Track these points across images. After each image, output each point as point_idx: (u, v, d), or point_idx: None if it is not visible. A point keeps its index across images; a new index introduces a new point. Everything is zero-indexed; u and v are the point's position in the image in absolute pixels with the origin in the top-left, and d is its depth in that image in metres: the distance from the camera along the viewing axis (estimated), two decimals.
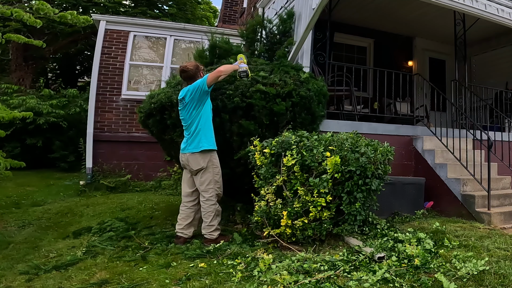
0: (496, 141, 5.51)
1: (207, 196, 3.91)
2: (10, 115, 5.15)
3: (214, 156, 3.97)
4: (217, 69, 3.93)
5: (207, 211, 3.90)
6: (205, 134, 3.90)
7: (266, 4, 7.19)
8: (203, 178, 3.92)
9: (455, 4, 5.16)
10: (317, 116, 4.75)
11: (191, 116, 3.90)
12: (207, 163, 3.90)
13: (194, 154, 3.89)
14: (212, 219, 3.89)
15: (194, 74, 4.00)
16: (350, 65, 6.44)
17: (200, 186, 3.94)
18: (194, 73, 4.01)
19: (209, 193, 3.91)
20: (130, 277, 3.10)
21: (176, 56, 8.83)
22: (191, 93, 3.86)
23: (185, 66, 4.04)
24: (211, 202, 3.91)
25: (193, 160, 3.90)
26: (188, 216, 4.03)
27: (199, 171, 3.92)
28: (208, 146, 3.89)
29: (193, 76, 3.99)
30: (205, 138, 3.89)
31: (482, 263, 2.93)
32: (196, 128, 3.89)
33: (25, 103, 9.50)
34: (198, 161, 3.88)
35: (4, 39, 5.08)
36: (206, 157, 3.90)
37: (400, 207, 4.81)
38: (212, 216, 3.89)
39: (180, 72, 4.07)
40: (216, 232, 3.91)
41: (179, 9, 15.49)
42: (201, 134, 3.89)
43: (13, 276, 3.33)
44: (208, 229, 3.90)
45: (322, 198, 3.48)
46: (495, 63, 8.63)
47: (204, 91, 3.84)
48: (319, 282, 2.77)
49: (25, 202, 6.84)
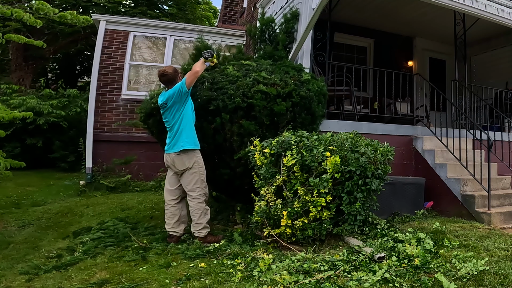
0: (496, 141, 5.51)
1: (194, 195, 3.98)
2: (10, 115, 5.14)
3: (199, 156, 4.06)
4: (193, 70, 4.05)
5: (194, 209, 3.96)
6: (187, 134, 3.98)
7: (266, 4, 7.19)
8: (189, 178, 3.99)
9: (455, 4, 5.16)
10: (317, 116, 4.75)
11: (174, 117, 4.01)
12: (192, 163, 3.97)
13: (179, 154, 3.97)
14: (200, 217, 3.94)
15: (174, 78, 4.11)
16: (350, 65, 6.44)
17: (187, 186, 4.01)
18: (173, 76, 4.12)
19: (196, 192, 3.98)
20: (130, 277, 3.10)
21: (176, 56, 8.83)
22: (172, 97, 3.96)
23: (164, 70, 4.17)
24: (198, 200, 3.97)
25: (178, 160, 3.98)
26: (173, 214, 4.08)
27: (184, 171, 3.99)
28: (190, 146, 3.98)
29: (172, 79, 4.10)
30: (187, 138, 3.97)
31: (482, 263, 2.93)
32: (179, 128, 3.99)
33: (25, 103, 9.49)
34: (183, 161, 3.96)
35: (4, 39, 5.08)
36: (191, 157, 3.98)
37: (400, 207, 4.81)
38: (200, 214, 3.94)
39: (159, 76, 4.18)
40: (204, 230, 3.95)
41: (179, 9, 15.49)
42: (184, 134, 3.98)
43: (13, 276, 3.33)
44: (197, 227, 3.96)
45: (322, 198, 3.48)
46: (495, 63, 8.63)
47: (183, 92, 3.95)
48: (319, 282, 2.77)
49: (25, 202, 6.84)
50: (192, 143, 4.00)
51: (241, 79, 4.39)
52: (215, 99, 4.25)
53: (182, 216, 4.13)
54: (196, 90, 4.36)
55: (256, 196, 3.86)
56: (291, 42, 5.62)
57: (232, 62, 4.94)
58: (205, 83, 4.41)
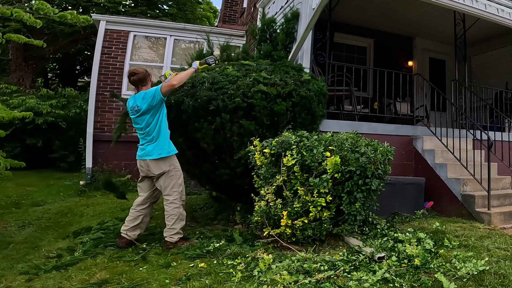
0: (496, 141, 5.51)
1: (171, 199, 3.87)
2: (10, 115, 5.14)
3: (175, 159, 3.97)
4: (170, 81, 3.86)
5: (171, 214, 3.85)
6: (163, 142, 3.90)
7: (266, 4, 7.19)
8: (166, 182, 3.88)
9: (455, 4, 5.16)
10: (317, 116, 4.75)
11: (147, 123, 3.88)
12: (169, 166, 3.89)
13: (155, 160, 3.86)
14: (175, 223, 3.84)
15: (144, 77, 3.97)
16: (350, 65, 6.44)
17: (164, 190, 3.91)
18: (144, 76, 3.97)
19: (173, 196, 3.87)
20: (130, 277, 3.10)
21: (176, 56, 8.84)
22: (147, 102, 3.81)
23: (135, 69, 4.04)
24: (175, 205, 3.87)
25: (154, 165, 3.87)
26: (135, 218, 3.99)
27: (161, 175, 3.89)
28: (168, 154, 3.89)
29: (143, 79, 3.96)
30: (164, 145, 3.89)
31: (482, 263, 2.92)
32: (155, 135, 3.87)
33: (24, 103, 9.50)
34: (159, 165, 3.86)
35: (4, 39, 5.08)
36: (168, 161, 3.89)
37: (400, 207, 4.81)
38: (175, 220, 3.84)
39: (129, 75, 4.01)
40: (176, 235, 3.83)
41: (179, 9, 15.51)
42: (160, 141, 3.88)
43: (13, 276, 3.33)
44: (169, 232, 3.84)
45: (322, 198, 3.48)
46: (495, 63, 8.63)
47: (159, 99, 3.82)
48: (319, 282, 2.77)
49: (25, 202, 6.84)
50: (169, 151, 3.91)
51: (241, 79, 4.38)
52: (215, 99, 4.25)
53: (143, 223, 4.05)
54: (196, 90, 4.36)
55: (256, 196, 3.86)
56: (291, 42, 5.62)
57: (232, 62, 4.94)
58: (205, 83, 4.41)
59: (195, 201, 6.29)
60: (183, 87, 4.45)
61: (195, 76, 4.54)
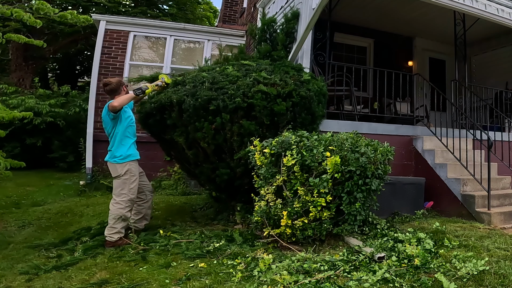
0: (496, 141, 5.51)
1: (117, 200, 4.11)
2: (10, 115, 5.14)
3: (133, 165, 4.21)
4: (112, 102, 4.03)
5: (113, 214, 4.08)
6: (120, 148, 4.15)
7: (266, 4, 7.19)
8: (117, 184, 4.15)
9: (455, 4, 5.16)
10: (317, 116, 4.75)
11: (108, 132, 4.24)
12: (125, 171, 4.12)
13: (111, 163, 4.17)
14: (116, 222, 4.04)
15: (116, 88, 4.24)
16: (350, 65, 6.44)
17: (114, 190, 4.18)
18: (116, 86, 4.24)
19: (120, 197, 4.11)
20: (130, 277, 3.10)
21: (176, 56, 8.83)
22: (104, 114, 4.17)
23: (108, 80, 4.34)
24: (119, 206, 4.08)
25: (111, 167, 4.20)
26: (139, 212, 4.43)
27: (116, 178, 4.17)
28: (122, 161, 4.13)
29: (115, 90, 4.23)
30: (120, 153, 4.13)
31: (482, 263, 2.93)
32: (115, 141, 4.17)
33: (24, 103, 9.49)
34: (116, 169, 4.15)
35: (4, 39, 5.07)
36: (124, 166, 4.13)
37: (400, 207, 4.81)
38: (116, 220, 4.05)
39: (103, 86, 4.32)
40: (116, 235, 4.03)
41: (179, 9, 15.50)
42: (119, 147, 4.15)
43: (13, 276, 3.33)
44: (110, 231, 4.04)
45: (322, 198, 3.48)
46: (495, 63, 8.63)
47: (111, 115, 4.09)
48: (319, 282, 2.77)
49: (25, 202, 6.84)
50: (125, 157, 4.14)
51: (241, 79, 4.38)
52: (215, 99, 4.24)
53: (146, 214, 4.50)
54: (196, 89, 4.36)
55: (256, 196, 3.86)
56: (291, 42, 5.62)
57: (232, 62, 4.94)
58: (206, 82, 4.41)
59: (195, 201, 6.29)
60: (185, 87, 4.47)
61: (196, 76, 4.59)
